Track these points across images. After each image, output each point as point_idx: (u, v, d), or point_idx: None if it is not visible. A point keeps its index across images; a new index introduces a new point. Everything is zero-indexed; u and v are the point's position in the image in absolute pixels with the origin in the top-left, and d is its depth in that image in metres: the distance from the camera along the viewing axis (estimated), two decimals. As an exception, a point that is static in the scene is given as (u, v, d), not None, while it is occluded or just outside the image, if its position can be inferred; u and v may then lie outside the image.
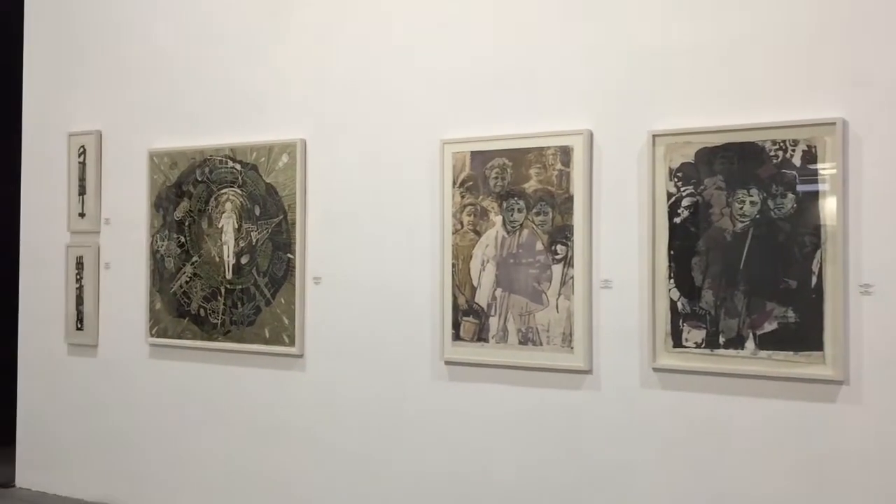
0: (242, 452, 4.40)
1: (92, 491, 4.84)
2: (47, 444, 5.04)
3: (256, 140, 4.38)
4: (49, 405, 5.05)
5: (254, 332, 4.34)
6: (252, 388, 4.38)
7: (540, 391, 3.66)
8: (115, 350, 4.82)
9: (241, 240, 4.40)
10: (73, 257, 4.96)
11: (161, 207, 4.67)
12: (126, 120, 4.84)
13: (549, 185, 3.62)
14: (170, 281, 4.62)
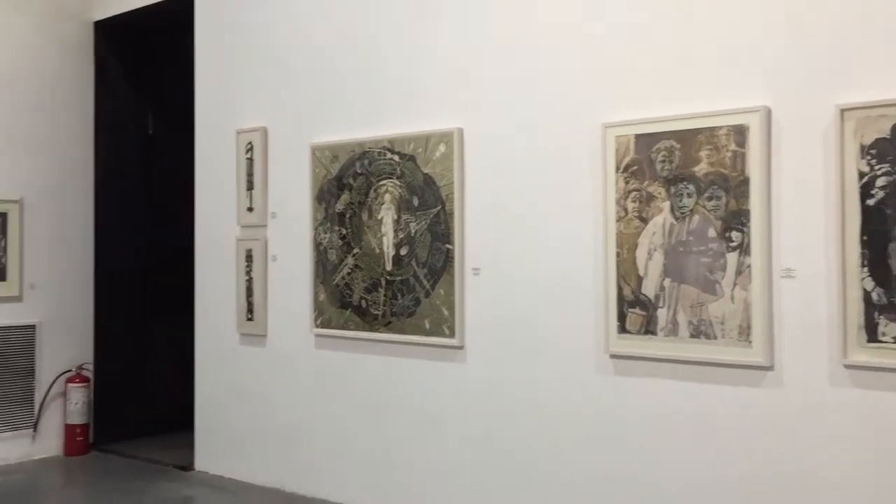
0: (403, 442, 4.41)
1: (262, 476, 5.02)
2: (222, 429, 5.27)
3: (413, 131, 4.36)
4: (223, 393, 5.27)
5: (414, 323, 4.34)
6: (413, 380, 4.39)
7: (714, 388, 3.43)
8: (282, 340, 4.97)
9: (401, 231, 4.41)
10: (242, 250, 5.15)
11: (323, 200, 4.75)
12: (289, 116, 4.96)
13: (722, 168, 3.38)
14: (332, 272, 4.70)
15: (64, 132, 5.96)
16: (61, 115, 5.94)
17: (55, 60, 5.92)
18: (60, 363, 5.86)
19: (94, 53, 6.12)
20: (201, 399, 5.42)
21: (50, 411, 5.82)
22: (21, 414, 5.70)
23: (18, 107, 5.71)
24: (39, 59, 5.83)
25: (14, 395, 5.66)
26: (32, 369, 5.75)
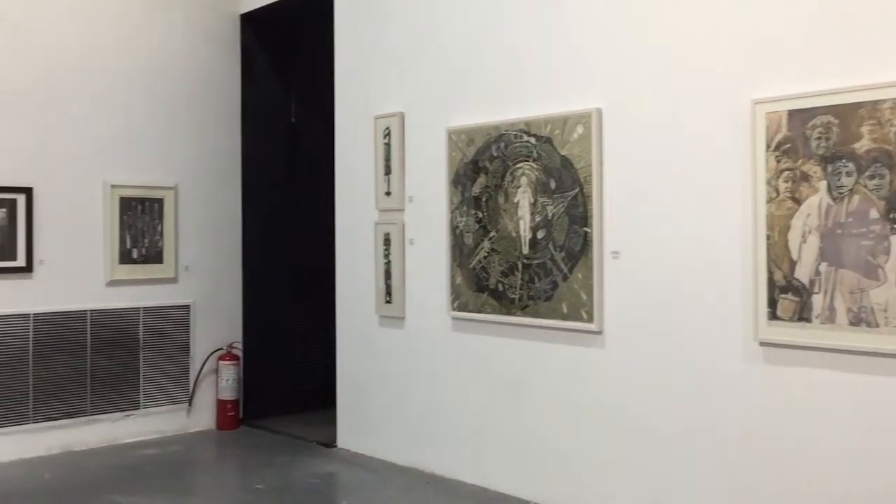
0: (540, 427, 4.38)
1: (402, 455, 5.11)
2: (363, 408, 5.40)
3: (550, 112, 4.29)
4: (364, 373, 5.40)
5: (551, 307, 4.29)
6: (550, 364, 4.34)
7: (876, 379, 3.21)
8: (420, 322, 5.03)
9: (537, 214, 4.36)
10: (380, 234, 5.25)
11: (459, 184, 4.76)
12: (425, 100, 4.99)
13: (886, 144, 3.14)
14: (469, 256, 4.71)
15: (213, 122, 6.24)
16: (211, 106, 6.22)
17: (205, 53, 6.20)
18: (213, 341, 6.18)
19: (240, 45, 6.38)
20: (342, 378, 5.57)
21: (203, 387, 6.15)
22: (178, 389, 6.05)
23: (173, 99, 6.03)
24: (191, 52, 6.12)
25: (171, 371, 6.01)
26: (188, 347, 6.09)
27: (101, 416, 5.67)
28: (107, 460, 5.34)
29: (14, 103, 5.34)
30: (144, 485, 4.83)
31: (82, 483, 4.86)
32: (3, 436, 5.26)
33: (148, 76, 5.91)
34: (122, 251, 5.80)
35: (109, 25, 5.75)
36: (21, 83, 5.36)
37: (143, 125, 5.89)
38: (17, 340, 5.33)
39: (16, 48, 5.34)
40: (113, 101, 5.75)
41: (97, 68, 5.68)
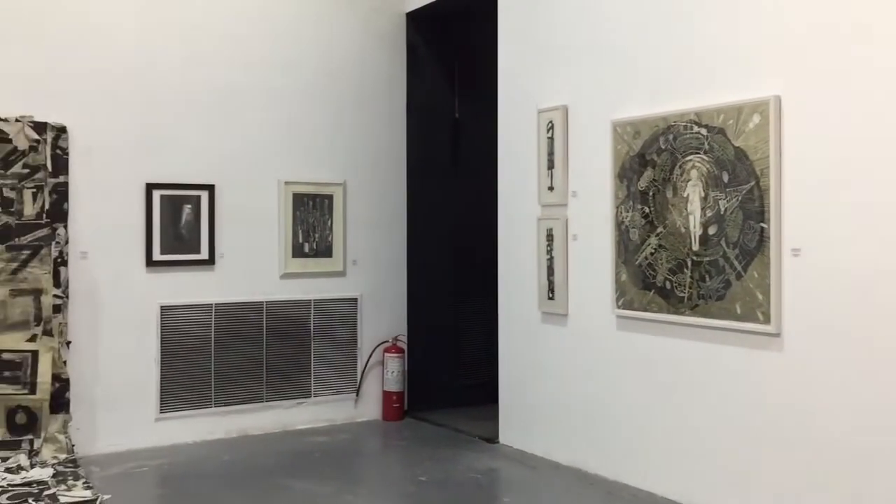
0: (709, 433, 4.17)
1: (564, 455, 5.03)
2: (525, 405, 5.37)
3: (723, 102, 4.07)
4: (526, 369, 5.36)
5: (723, 307, 4.07)
6: (721, 366, 4.12)
7: None
8: (583, 319, 4.93)
9: (708, 209, 4.15)
10: (543, 229, 5.18)
11: (625, 178, 4.61)
12: (590, 93, 4.87)
13: None
14: (635, 252, 4.56)
15: (379, 119, 6.39)
16: (378, 104, 6.37)
17: (372, 52, 6.35)
18: (379, 334, 6.34)
19: (406, 43, 6.49)
20: (505, 374, 5.56)
21: (370, 378, 6.32)
22: (346, 379, 6.25)
23: (342, 98, 6.22)
24: (360, 52, 6.29)
25: (340, 362, 6.22)
26: (355, 339, 6.28)
27: (276, 402, 5.95)
28: (280, 445, 5.59)
29: (198, 106, 5.68)
30: (314, 471, 5.02)
31: (257, 466, 5.12)
32: (188, 418, 5.62)
33: (319, 76, 6.12)
34: (294, 245, 6.06)
35: (286, 29, 6.00)
36: (205, 87, 5.70)
37: (314, 124, 6.12)
38: (201, 329, 5.69)
39: (199, 53, 5.68)
40: (287, 102, 6.00)
41: (273, 70, 5.94)
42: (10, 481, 4.60)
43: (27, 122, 5.10)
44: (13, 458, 4.89)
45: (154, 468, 5.07)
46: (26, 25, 5.13)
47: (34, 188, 5.10)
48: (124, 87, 5.42)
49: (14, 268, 5.03)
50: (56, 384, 5.08)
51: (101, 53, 5.35)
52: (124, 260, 5.45)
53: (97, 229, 5.34)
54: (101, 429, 5.33)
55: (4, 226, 5.01)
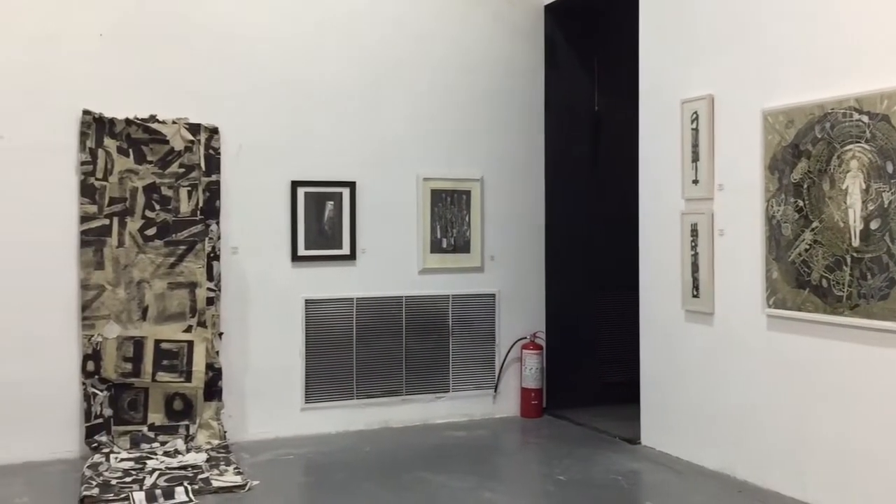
0: (872, 442, 3.88)
1: (712, 459, 4.83)
2: (669, 406, 5.19)
3: (888, 86, 3.77)
4: (669, 369, 5.18)
5: (887, 307, 3.77)
6: (885, 371, 3.83)
7: None
8: (730, 319, 4.71)
9: (870, 202, 3.86)
10: (687, 224, 4.98)
11: (776, 170, 4.37)
12: (738, 81, 4.64)
13: None
14: (787, 249, 4.31)
15: (517, 114, 6.34)
16: (515, 98, 6.32)
17: (509, 46, 6.31)
18: (517, 330, 6.30)
19: (543, 36, 6.40)
20: (646, 374, 5.40)
21: (508, 374, 6.30)
22: (484, 375, 6.25)
23: (479, 93, 6.21)
24: (496, 46, 6.26)
25: (478, 358, 6.23)
26: (493, 335, 6.27)
27: (415, 396, 6.03)
28: (419, 438, 5.66)
29: (342, 104, 5.83)
30: (452, 465, 5.04)
31: (397, 458, 5.20)
32: (331, 409, 5.79)
33: (457, 72, 6.14)
34: (432, 241, 6.11)
35: (424, 25, 6.06)
36: (348, 85, 5.84)
37: (452, 120, 6.14)
38: (343, 322, 5.83)
39: (342, 53, 5.82)
40: (425, 98, 6.06)
41: (413, 67, 6.01)
42: (167, 464, 4.88)
43: (183, 123, 5.38)
44: (171, 443, 5.18)
45: (300, 456, 5.25)
46: (182, 32, 5.40)
47: (189, 186, 5.37)
48: (272, 89, 5.63)
49: (171, 262, 5.32)
50: (209, 373, 5.34)
51: (250, 57, 5.57)
52: (271, 255, 5.66)
53: (246, 225, 5.57)
54: (250, 417, 5.57)
55: (163, 222, 5.31)
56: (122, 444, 5.12)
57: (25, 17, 5.05)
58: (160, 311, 5.29)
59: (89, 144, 5.16)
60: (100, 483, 4.50)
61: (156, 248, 5.29)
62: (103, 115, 5.19)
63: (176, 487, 4.46)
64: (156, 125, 5.31)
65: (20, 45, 5.04)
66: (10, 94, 5.01)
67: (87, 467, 4.77)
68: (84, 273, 5.14)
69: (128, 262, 5.23)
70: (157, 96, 5.33)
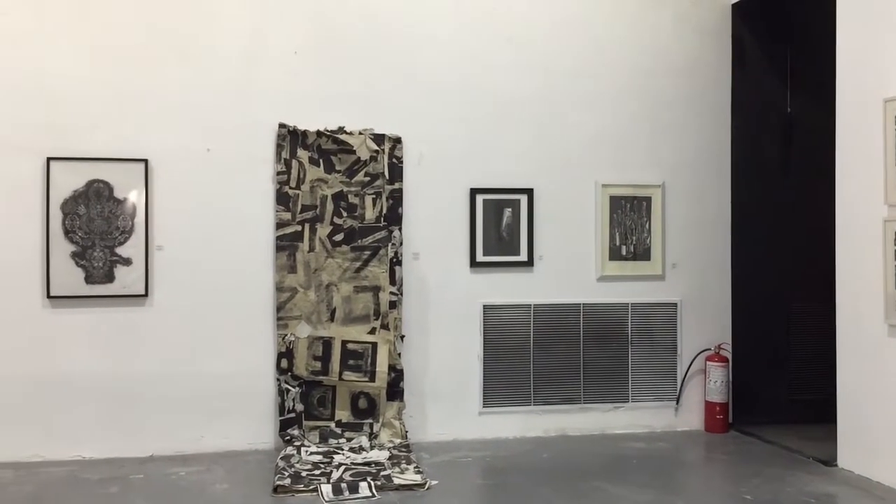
0: None
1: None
2: (869, 427, 4.82)
3: None
4: (870, 388, 4.82)
5: None
6: None
7: None
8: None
9: None
10: (890, 232, 4.62)
11: None
12: (952, 74, 4.26)
13: None
14: None
15: (701, 117, 6.12)
16: (699, 100, 6.11)
17: (694, 46, 6.11)
18: (700, 341, 6.07)
19: (731, 36, 6.15)
20: (844, 392, 5.04)
21: (691, 387, 6.08)
22: (665, 386, 6.07)
23: (660, 96, 6.06)
24: (680, 47, 6.08)
25: (658, 369, 6.06)
26: (675, 345, 6.08)
27: (593, 405, 5.95)
28: (597, 448, 5.58)
29: (518, 112, 5.87)
30: (630, 477, 4.93)
31: (574, 466, 5.15)
32: (508, 415, 5.82)
33: (636, 75, 6.02)
34: (611, 248, 6.01)
35: (601, 29, 5.99)
36: (523, 93, 5.87)
37: (631, 124, 6.03)
38: (521, 328, 5.86)
39: (519, 61, 5.86)
40: (603, 103, 5.98)
41: (589, 71, 5.96)
42: (352, 459, 5.10)
43: (368, 134, 5.61)
44: (356, 439, 5.41)
45: (477, 459, 5.32)
46: (368, 47, 5.64)
47: (374, 194, 5.59)
48: (452, 99, 5.76)
49: (357, 266, 5.56)
50: (392, 374, 5.53)
51: (431, 69, 5.73)
52: (450, 260, 5.78)
53: (427, 232, 5.73)
54: (430, 418, 5.71)
55: (349, 229, 5.56)
56: (311, 439, 5.40)
57: (229, 39, 5.46)
58: (346, 313, 5.53)
59: (284, 155, 5.50)
60: (291, 474, 4.77)
61: (343, 252, 5.55)
62: (297, 127, 5.51)
63: (360, 482, 4.65)
64: (343, 136, 5.57)
65: (226, 64, 5.45)
66: (217, 110, 5.43)
67: (280, 458, 5.07)
68: (279, 276, 5.48)
69: (317, 266, 5.52)
70: (344, 109, 5.60)
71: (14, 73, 5.15)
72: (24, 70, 5.17)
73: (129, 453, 5.24)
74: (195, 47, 5.41)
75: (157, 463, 5.15)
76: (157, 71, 5.35)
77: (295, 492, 4.55)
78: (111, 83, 5.29)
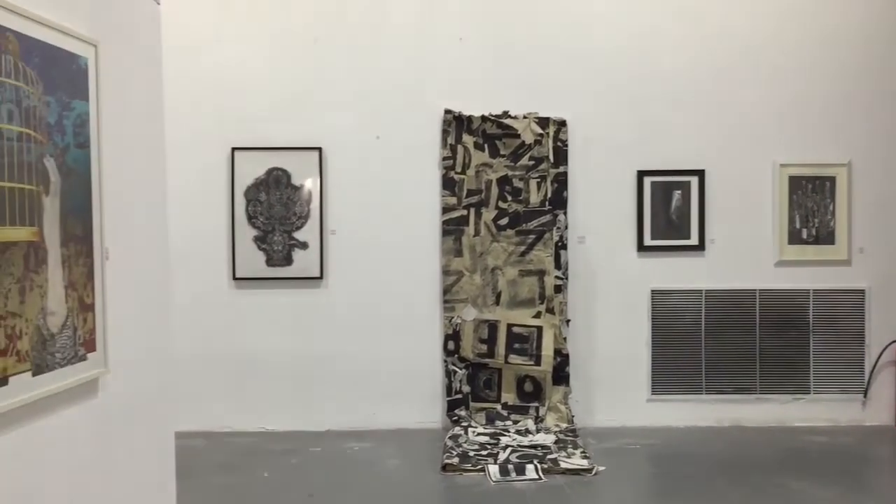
0: None
1: None
2: None
3: None
4: None
5: None
6: None
7: None
8: None
9: None
10: None
11: None
12: None
13: None
14: None
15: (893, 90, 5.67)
16: (891, 73, 5.66)
17: (884, 15, 5.66)
18: (890, 331, 5.64)
19: (926, -1, 5.67)
20: None
21: (881, 379, 5.66)
22: (851, 378, 5.67)
23: (847, 70, 5.66)
24: (865, 16, 5.65)
25: (844, 359, 5.67)
26: (862, 334, 5.67)
27: (770, 395, 5.66)
28: (774, 440, 5.30)
29: (689, 91, 5.66)
30: (813, 472, 4.65)
31: (749, 458, 4.91)
32: (678, 403, 5.64)
33: (818, 50, 5.66)
34: (790, 231, 5.69)
35: (778, 2, 5.67)
36: (695, 71, 5.66)
37: (812, 101, 5.67)
38: (691, 314, 5.66)
39: (690, 37, 5.65)
40: (781, 80, 5.66)
41: (766, 47, 5.65)
42: (519, 442, 5.11)
43: (533, 118, 5.60)
44: (522, 422, 5.42)
45: (645, 447, 5.19)
46: (530, 32, 5.62)
47: (538, 178, 5.58)
48: (617, 80, 5.64)
49: (522, 251, 5.56)
50: (557, 358, 5.50)
51: (595, 50, 5.64)
52: (617, 245, 5.67)
53: (592, 215, 5.65)
54: (596, 403, 5.64)
55: (514, 213, 5.57)
56: (478, 420, 5.46)
57: (397, 29, 5.60)
58: (512, 297, 5.55)
59: (450, 141, 5.59)
60: (459, 453, 4.85)
61: (508, 237, 5.57)
62: (462, 113, 5.58)
63: (527, 465, 4.66)
64: (508, 121, 5.59)
65: (394, 53, 5.60)
66: (385, 98, 5.60)
67: (448, 438, 5.16)
68: (445, 260, 5.58)
69: (483, 250, 5.57)
70: (509, 93, 5.61)
71: (203, 71, 5.52)
72: (211, 68, 5.53)
73: (307, 427, 5.51)
74: (365, 38, 5.60)
75: (333, 437, 5.38)
76: (330, 63, 5.58)
77: (463, 471, 4.62)
78: (288, 76, 5.57)
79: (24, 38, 2.14)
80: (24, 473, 2.14)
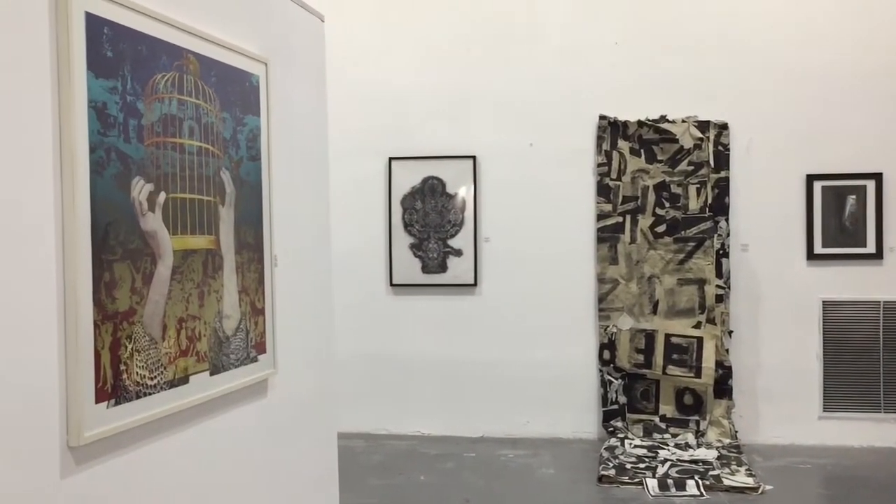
0: None
1: None
2: None
3: None
4: None
5: None
6: None
7: None
8: None
9: None
10: None
11: None
12: None
13: None
14: None
15: None
16: None
17: None
18: None
19: None
20: None
21: None
22: None
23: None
24: None
25: None
26: None
27: (959, 416, 5.20)
28: (965, 466, 4.87)
29: (862, 90, 5.30)
30: None
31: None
32: (854, 421, 5.28)
33: None
34: (983, 237, 5.21)
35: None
36: (868, 69, 5.29)
37: None
38: (868, 327, 5.28)
39: (859, 36, 5.30)
40: (973, 72, 5.21)
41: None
42: (678, 456, 4.94)
43: (692, 122, 5.42)
44: (682, 436, 5.24)
45: (817, 467, 4.89)
46: (685, 34, 5.45)
47: (698, 183, 5.38)
48: (782, 81, 5.37)
49: (680, 259, 5.39)
50: (719, 371, 5.28)
51: (758, 50, 5.38)
52: (784, 253, 5.39)
53: (756, 222, 5.39)
54: (762, 419, 5.36)
55: (672, 219, 5.41)
56: (635, 432, 5.32)
57: (551, 35, 5.58)
58: (670, 306, 5.38)
59: (604, 147, 5.49)
60: (616, 465, 4.74)
61: (665, 244, 5.41)
62: (617, 118, 5.48)
63: (687, 480, 4.49)
64: (665, 125, 5.43)
65: (547, 60, 5.57)
66: (538, 105, 5.57)
67: (604, 449, 5.07)
68: (600, 267, 5.48)
69: (639, 258, 5.44)
70: (666, 97, 5.46)
71: (362, 84, 5.69)
72: (370, 80, 5.70)
73: (461, 432, 5.56)
74: (518, 46, 5.61)
75: (487, 443, 5.40)
76: (483, 72, 5.63)
77: (620, 483, 4.52)
78: (442, 86, 5.66)
79: (202, 59, 2.27)
80: (199, 469, 2.26)
